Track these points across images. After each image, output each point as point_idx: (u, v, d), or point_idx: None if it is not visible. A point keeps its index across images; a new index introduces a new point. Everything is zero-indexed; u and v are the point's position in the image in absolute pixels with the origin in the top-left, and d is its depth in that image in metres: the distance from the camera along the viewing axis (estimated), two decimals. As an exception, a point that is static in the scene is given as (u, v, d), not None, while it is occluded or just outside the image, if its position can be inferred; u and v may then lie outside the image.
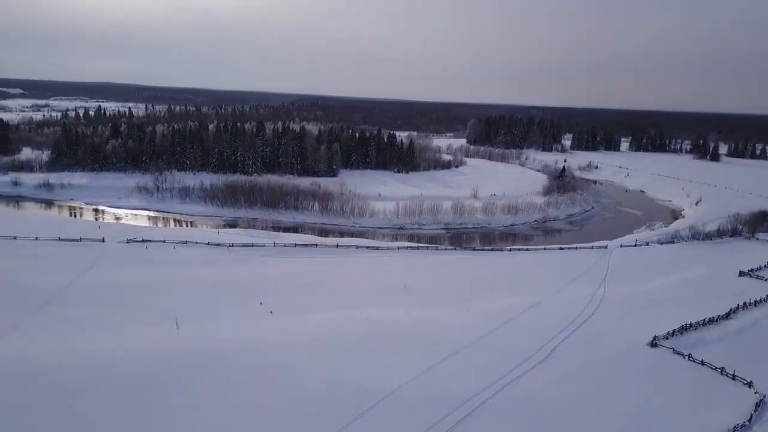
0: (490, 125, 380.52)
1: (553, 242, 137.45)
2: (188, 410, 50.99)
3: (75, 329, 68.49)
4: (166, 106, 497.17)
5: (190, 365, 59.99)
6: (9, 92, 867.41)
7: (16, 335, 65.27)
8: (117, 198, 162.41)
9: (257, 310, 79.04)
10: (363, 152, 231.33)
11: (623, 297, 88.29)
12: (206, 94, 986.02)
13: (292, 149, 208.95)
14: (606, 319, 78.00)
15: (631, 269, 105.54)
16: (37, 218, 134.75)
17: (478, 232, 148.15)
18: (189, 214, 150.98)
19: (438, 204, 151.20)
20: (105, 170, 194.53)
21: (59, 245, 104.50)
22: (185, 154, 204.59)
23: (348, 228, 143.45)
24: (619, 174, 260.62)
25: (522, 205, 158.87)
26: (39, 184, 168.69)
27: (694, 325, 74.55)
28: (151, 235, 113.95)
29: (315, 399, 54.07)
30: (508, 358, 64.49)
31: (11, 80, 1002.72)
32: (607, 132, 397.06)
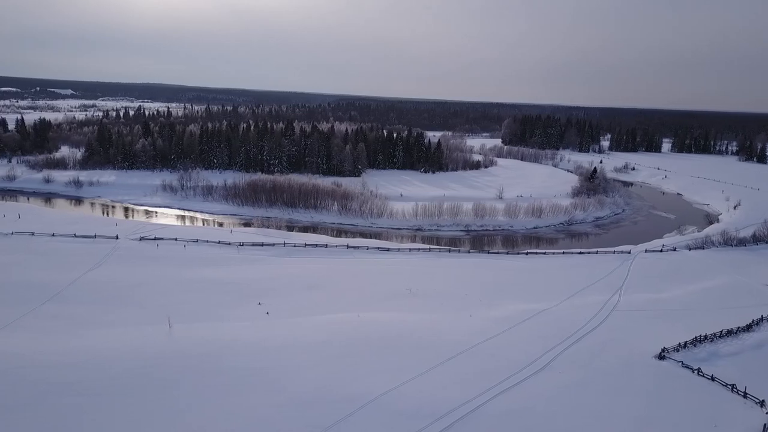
0: (525, 125, 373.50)
1: (577, 246, 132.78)
2: (165, 411, 49.99)
3: (69, 327, 68.77)
4: (204, 106, 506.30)
5: (176, 366, 59.17)
6: (60, 93, 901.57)
7: (8, 332, 65.83)
8: (142, 195, 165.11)
9: (255, 311, 78.16)
10: (389, 152, 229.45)
11: (638, 305, 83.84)
12: (249, 94, 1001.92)
13: (318, 149, 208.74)
14: (614, 329, 73.97)
15: (652, 276, 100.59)
16: (60, 215, 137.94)
17: (499, 234, 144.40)
18: (210, 212, 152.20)
19: (458, 205, 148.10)
20: (134, 168, 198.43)
21: (73, 242, 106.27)
22: (213, 153, 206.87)
23: (366, 228, 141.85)
24: (656, 176, 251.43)
25: (546, 207, 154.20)
26: (69, 182, 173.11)
27: (709, 336, 69.94)
28: (165, 233, 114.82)
29: (297, 404, 52.39)
30: (502, 367, 61.54)
31: (63, 82, 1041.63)
32: (648, 133, 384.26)
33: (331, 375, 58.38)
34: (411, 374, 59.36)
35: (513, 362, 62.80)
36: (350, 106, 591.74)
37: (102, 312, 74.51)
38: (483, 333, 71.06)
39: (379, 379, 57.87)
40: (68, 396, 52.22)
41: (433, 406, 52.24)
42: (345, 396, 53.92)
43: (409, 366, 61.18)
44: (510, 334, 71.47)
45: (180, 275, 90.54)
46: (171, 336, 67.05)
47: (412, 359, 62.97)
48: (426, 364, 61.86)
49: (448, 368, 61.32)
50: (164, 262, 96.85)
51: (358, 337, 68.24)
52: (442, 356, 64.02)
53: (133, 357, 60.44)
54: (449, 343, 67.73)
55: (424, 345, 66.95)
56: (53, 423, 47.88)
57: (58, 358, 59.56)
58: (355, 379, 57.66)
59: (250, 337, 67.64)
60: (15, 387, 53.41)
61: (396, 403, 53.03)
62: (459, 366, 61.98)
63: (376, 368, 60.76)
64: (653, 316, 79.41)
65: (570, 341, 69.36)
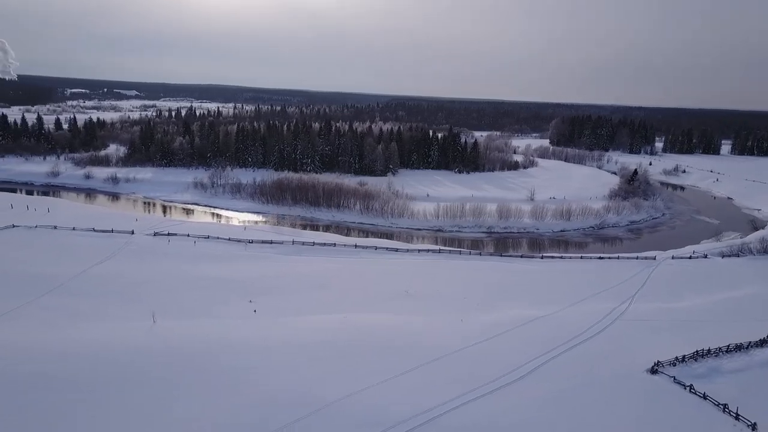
0: (574, 125, 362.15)
1: (604, 251, 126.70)
2: (111, 407, 50.14)
3: (61, 320, 70.34)
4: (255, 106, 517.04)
5: (151, 362, 59.30)
6: (125, 94, 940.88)
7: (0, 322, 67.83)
8: (174, 192, 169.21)
9: (245, 309, 77.95)
10: (424, 152, 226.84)
11: (646, 315, 78.79)
12: (305, 95, 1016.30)
13: (350, 148, 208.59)
14: (612, 339, 69.64)
15: (672, 284, 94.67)
16: (88, 209, 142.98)
17: (524, 237, 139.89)
18: (235, 210, 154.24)
19: (481, 206, 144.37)
20: (171, 166, 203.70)
21: (91, 236, 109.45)
22: (247, 152, 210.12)
23: (386, 228, 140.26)
24: (707, 179, 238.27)
25: (576, 210, 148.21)
26: (107, 178, 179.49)
27: (712, 351, 64.66)
28: (180, 229, 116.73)
29: (249, 406, 51.45)
30: (478, 375, 58.74)
31: (128, 83, 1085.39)
32: (707, 133, 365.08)
33: (297, 377, 57.13)
34: (379, 378, 57.49)
35: (491, 370, 59.88)
36: (399, 106, 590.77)
37: (97, 305, 76.00)
38: (470, 338, 68.34)
39: (344, 382, 56.28)
40: (38, 390, 52.94)
41: (385, 415, 50.18)
42: (302, 400, 52.57)
43: (381, 370, 59.31)
44: (498, 340, 68.41)
45: (183, 271, 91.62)
46: (151, 332, 67.40)
47: (386, 363, 61.06)
48: (399, 369, 59.82)
49: (421, 373, 59.11)
50: (171, 258, 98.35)
51: (337, 339, 66.85)
52: (419, 361, 61.80)
53: (114, 351, 60.86)
54: (431, 347, 65.41)
55: (404, 348, 64.89)
56: (13, 417, 48.58)
57: (39, 351, 60.61)
58: (319, 382, 56.24)
59: (231, 335, 67.27)
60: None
61: (350, 409, 51.30)
62: (433, 372, 59.68)
63: (346, 371, 59.20)
64: (660, 327, 74.40)
65: (560, 350, 65.70)
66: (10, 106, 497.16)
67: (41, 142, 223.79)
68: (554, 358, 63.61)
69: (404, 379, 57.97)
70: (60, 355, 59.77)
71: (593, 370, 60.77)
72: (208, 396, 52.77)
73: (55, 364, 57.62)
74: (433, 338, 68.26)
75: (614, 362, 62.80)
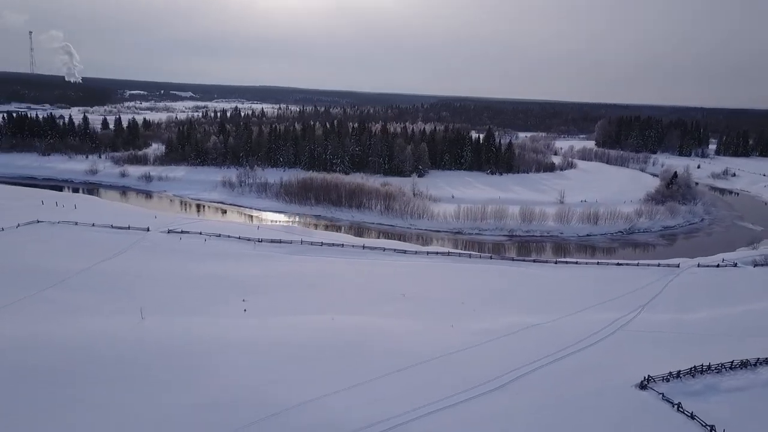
0: (621, 127, 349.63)
1: (631, 257, 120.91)
2: (67, 401, 50.50)
3: (56, 313, 71.71)
4: (300, 107, 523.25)
5: (125, 357, 59.83)
6: (180, 95, 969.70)
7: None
8: (202, 191, 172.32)
9: (238, 308, 77.81)
10: (457, 153, 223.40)
11: (652, 326, 74.25)
12: (356, 96, 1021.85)
13: (380, 149, 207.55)
14: (607, 351, 65.85)
15: (690, 294, 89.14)
16: (113, 206, 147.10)
17: (547, 241, 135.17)
18: (258, 209, 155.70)
19: (503, 208, 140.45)
20: (205, 165, 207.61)
21: (107, 232, 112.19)
22: (279, 152, 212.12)
23: (404, 230, 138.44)
24: (758, 183, 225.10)
25: (604, 214, 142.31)
26: (140, 176, 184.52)
27: (713, 367, 60.05)
28: (194, 226, 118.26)
29: (207, 406, 50.80)
30: (451, 384, 56.36)
31: (184, 85, 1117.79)
32: (764, 135, 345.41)
33: (265, 379, 56.27)
34: (348, 383, 56.07)
35: (466, 380, 57.41)
36: (445, 107, 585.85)
37: (93, 300, 77.27)
38: (454, 345, 65.98)
39: (310, 386, 55.12)
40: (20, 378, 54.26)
41: (343, 421, 48.73)
42: (262, 402, 51.66)
43: (353, 374, 57.88)
44: (483, 348, 65.75)
45: (187, 269, 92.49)
46: (136, 327, 67.85)
47: (359, 367, 59.57)
48: (372, 374, 58.23)
49: (391, 380, 57.26)
50: (178, 255, 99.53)
51: (318, 341, 65.74)
52: (394, 367, 59.96)
53: (86, 345, 61.62)
54: (411, 353, 63.43)
55: (383, 353, 63.22)
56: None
57: (25, 343, 62.12)
58: (286, 385, 55.25)
59: (213, 334, 67.08)
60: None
61: (308, 413, 50.08)
62: (405, 378, 57.76)
63: (315, 374, 58.03)
64: (664, 340, 69.95)
65: (546, 361, 62.52)
66: (70, 107, 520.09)
67: (86, 141, 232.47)
68: (537, 369, 60.54)
69: (374, 385, 56.32)
70: (45, 347, 61.03)
71: (576, 384, 57.41)
72: (169, 393, 52.59)
73: (40, 356, 58.86)
74: (416, 344, 66.19)
75: (602, 376, 59.21)
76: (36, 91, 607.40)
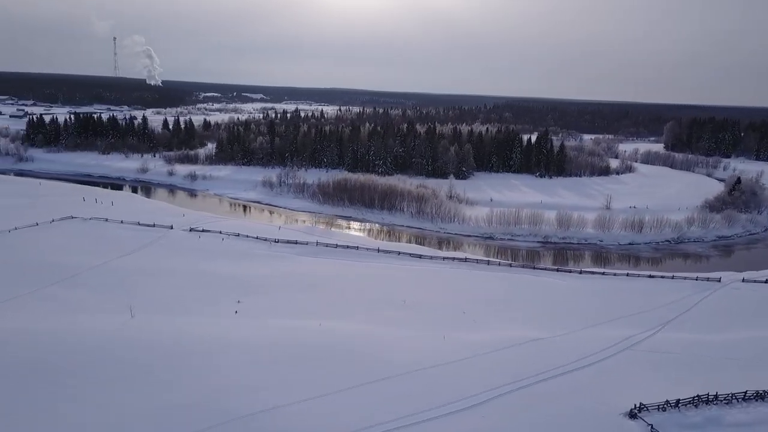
0: (692, 129, 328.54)
1: (674, 268, 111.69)
2: (44, 398, 50.74)
3: (51, 310, 73.03)
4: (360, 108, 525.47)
5: (101, 354, 59.92)
6: (251, 97, 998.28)
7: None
8: (242, 190, 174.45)
9: (229, 308, 76.87)
10: (506, 155, 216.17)
11: (667, 347, 67.31)
12: (422, 97, 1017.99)
13: (423, 150, 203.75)
14: (604, 372, 60.00)
15: (725, 312, 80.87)
16: (148, 204, 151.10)
17: (585, 249, 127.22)
18: (291, 209, 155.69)
19: (539, 213, 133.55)
20: (251, 164, 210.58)
21: (133, 229, 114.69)
22: (323, 152, 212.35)
23: (433, 233, 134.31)
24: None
25: (650, 221, 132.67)
26: (186, 175, 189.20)
27: (721, 397, 53.31)
28: (217, 225, 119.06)
29: (172, 408, 49.98)
30: (423, 399, 52.96)
31: (256, 87, 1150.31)
32: None
33: (235, 383, 54.82)
34: (318, 392, 53.79)
35: (440, 396, 53.73)
36: (508, 107, 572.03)
37: (93, 298, 78.37)
38: (439, 357, 62.21)
39: (280, 393, 53.37)
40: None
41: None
42: (227, 407, 50.37)
43: (325, 383, 55.60)
44: (469, 362, 61.57)
45: (195, 267, 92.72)
46: (123, 325, 67.92)
47: (333, 376, 57.15)
48: (344, 383, 55.70)
49: (365, 391, 54.61)
50: (192, 254, 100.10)
51: (299, 347, 63.63)
52: (369, 377, 57.15)
53: (77, 342, 62.18)
54: (391, 363, 60.33)
55: (362, 362, 60.46)
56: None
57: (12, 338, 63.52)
58: (254, 390, 53.64)
59: (197, 334, 66.31)
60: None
61: (266, 423, 48.20)
62: (377, 390, 54.84)
63: (288, 381, 56.14)
64: (676, 362, 63.22)
65: (534, 380, 57.69)
66: (145, 109, 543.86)
67: (143, 141, 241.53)
68: (520, 389, 55.83)
69: (344, 395, 53.73)
70: (29, 343, 62.06)
71: (557, 408, 52.41)
72: (134, 393, 52.27)
73: (21, 351, 59.90)
74: (401, 354, 62.82)
75: (590, 400, 53.82)
76: (117, 93, 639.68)
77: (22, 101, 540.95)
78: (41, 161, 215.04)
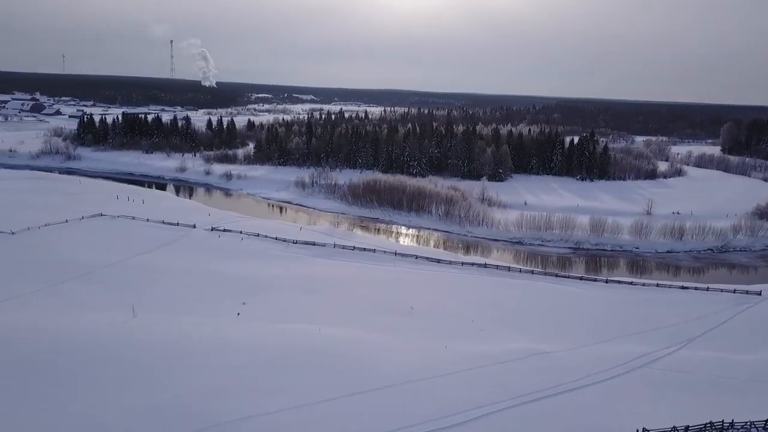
0: (752, 130, 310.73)
1: (715, 279, 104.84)
2: (27, 396, 50.76)
3: (55, 307, 73.62)
4: (405, 109, 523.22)
5: (102, 353, 59.86)
6: (302, 98, 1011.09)
7: (7, 305, 73.02)
8: (274, 190, 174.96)
9: (231, 309, 76.01)
10: (546, 156, 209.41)
11: (687, 366, 62.12)
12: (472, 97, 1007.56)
13: (459, 151, 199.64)
14: (607, 393, 55.58)
15: (761, 329, 74.66)
16: (178, 202, 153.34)
17: (619, 256, 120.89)
18: (320, 209, 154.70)
19: (571, 218, 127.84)
20: (287, 165, 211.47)
21: (157, 227, 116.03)
22: (359, 153, 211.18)
23: (459, 237, 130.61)
24: None
25: (691, 228, 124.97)
26: (221, 175, 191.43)
27: (738, 425, 48.40)
28: (238, 225, 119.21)
29: (140, 415, 48.91)
30: (402, 413, 50.11)
31: (307, 88, 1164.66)
32: None
33: (217, 387, 53.38)
34: (296, 402, 51.83)
35: (421, 411, 50.76)
36: (558, 109, 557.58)
37: (99, 296, 78.57)
38: (434, 369, 59.28)
39: (254, 401, 51.52)
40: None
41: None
42: (203, 413, 49.05)
43: (305, 393, 53.51)
44: (464, 375, 58.37)
45: (207, 267, 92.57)
46: (123, 324, 67.78)
47: (314, 385, 54.92)
48: (328, 394, 53.50)
49: (344, 403, 52.31)
50: (207, 253, 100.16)
51: (293, 351, 61.99)
52: (355, 388, 54.80)
53: (63, 341, 62.23)
54: (379, 374, 57.73)
55: (349, 371, 58.23)
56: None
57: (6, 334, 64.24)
58: (236, 397, 52.19)
59: (196, 335, 65.64)
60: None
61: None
62: (357, 402, 52.44)
63: (273, 388, 54.19)
64: (692, 383, 58.18)
65: (528, 398, 53.97)
66: (197, 109, 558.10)
67: (186, 141, 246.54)
68: (512, 408, 52.18)
69: (324, 407, 51.48)
70: (30, 339, 62.64)
71: (552, 430, 48.57)
72: (121, 393, 51.60)
73: (25, 347, 60.47)
74: (394, 364, 60.15)
75: (586, 423, 49.87)
76: (172, 94, 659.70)
77: (83, 102, 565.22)
78: (88, 160, 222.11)
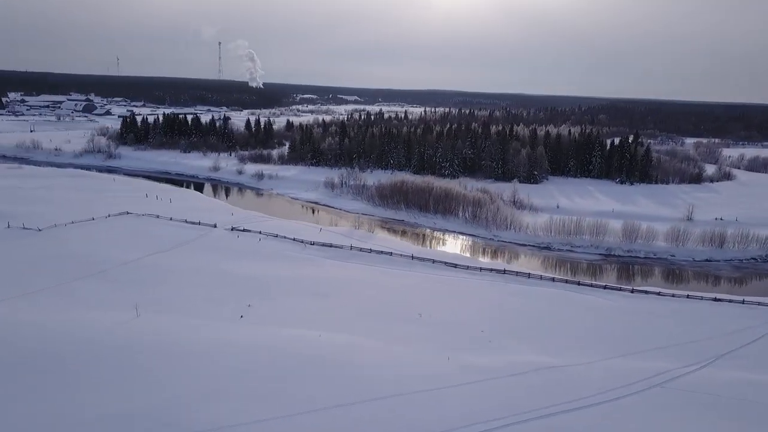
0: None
1: (756, 291, 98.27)
2: (27, 395, 50.56)
3: (67, 304, 74.13)
4: (446, 110, 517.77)
5: (100, 353, 59.55)
6: (345, 99, 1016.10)
7: (18, 300, 73.85)
8: (303, 190, 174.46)
9: (235, 311, 74.95)
10: (584, 159, 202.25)
11: (708, 387, 57.17)
12: (517, 98, 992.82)
13: (493, 152, 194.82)
14: (613, 414, 51.42)
15: (797, 347, 68.36)
16: (204, 201, 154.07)
17: (653, 264, 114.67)
18: (347, 210, 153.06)
19: (602, 223, 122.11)
20: (320, 165, 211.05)
21: (179, 226, 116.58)
22: (390, 154, 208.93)
23: (485, 241, 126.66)
24: None
25: (733, 236, 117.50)
26: (253, 174, 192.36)
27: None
28: (257, 225, 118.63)
29: (114, 421, 47.92)
30: (386, 429, 47.51)
31: (351, 89, 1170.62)
32: None
33: (207, 393, 52.06)
34: (286, 411, 49.88)
35: (406, 427, 47.95)
36: (604, 109, 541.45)
37: (114, 294, 78.82)
38: (431, 382, 56.39)
39: (249, 407, 49.89)
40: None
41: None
42: (189, 420, 47.52)
43: (296, 401, 51.58)
44: (461, 390, 55.24)
45: (217, 267, 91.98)
46: (125, 324, 67.50)
47: (304, 395, 52.89)
48: (317, 403, 51.45)
49: (323, 416, 49.80)
50: (222, 253, 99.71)
51: (288, 357, 60.28)
52: (344, 398, 52.57)
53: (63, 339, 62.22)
54: (371, 385, 55.15)
55: (342, 380, 55.95)
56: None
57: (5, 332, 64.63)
58: (226, 402, 50.72)
59: (195, 336, 64.71)
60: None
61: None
62: (338, 416, 49.86)
63: (265, 395, 52.49)
64: (711, 405, 53.42)
65: (521, 418, 50.41)
66: (241, 110, 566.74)
67: (223, 141, 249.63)
68: (504, 427, 48.79)
69: (311, 417, 49.40)
70: (30, 337, 62.92)
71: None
72: (112, 393, 51.07)
73: (24, 344, 60.77)
74: (390, 375, 57.55)
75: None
76: (219, 95, 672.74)
77: (134, 103, 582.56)
78: (128, 158, 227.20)
